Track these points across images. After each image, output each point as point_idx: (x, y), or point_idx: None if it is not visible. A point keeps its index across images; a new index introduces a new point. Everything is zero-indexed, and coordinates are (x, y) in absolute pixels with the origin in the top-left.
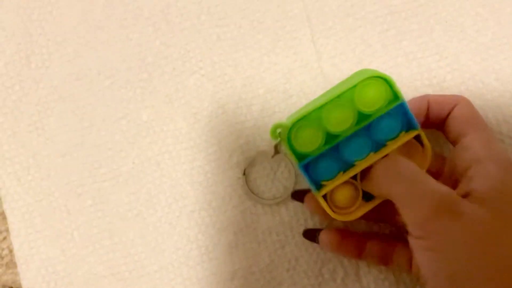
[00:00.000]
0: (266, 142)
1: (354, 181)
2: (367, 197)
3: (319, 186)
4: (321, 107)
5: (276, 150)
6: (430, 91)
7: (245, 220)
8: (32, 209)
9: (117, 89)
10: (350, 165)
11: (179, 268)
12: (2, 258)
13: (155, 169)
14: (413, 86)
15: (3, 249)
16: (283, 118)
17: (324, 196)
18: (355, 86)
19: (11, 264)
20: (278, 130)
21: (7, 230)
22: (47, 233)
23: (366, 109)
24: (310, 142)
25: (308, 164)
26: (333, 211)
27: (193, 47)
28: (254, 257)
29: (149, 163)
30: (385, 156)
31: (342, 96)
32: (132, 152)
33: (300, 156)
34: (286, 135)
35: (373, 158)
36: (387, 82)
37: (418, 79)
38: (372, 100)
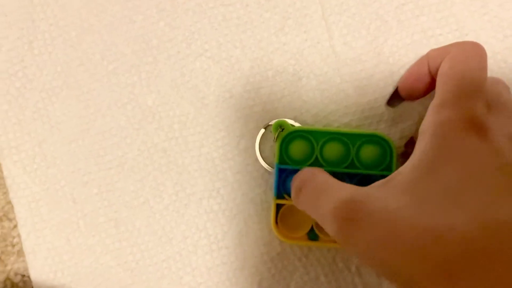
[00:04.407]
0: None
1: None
2: (313, 236)
3: (281, 196)
4: (326, 133)
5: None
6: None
7: (255, 207)
8: (39, 198)
9: (122, 74)
10: None
11: (187, 257)
12: (13, 246)
13: (162, 155)
14: None
15: (14, 237)
16: (292, 101)
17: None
18: (364, 135)
19: (23, 252)
20: (281, 128)
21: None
22: (53, 222)
23: (357, 163)
24: (299, 153)
25: (284, 171)
26: (277, 224)
27: (198, 28)
28: (265, 246)
29: (155, 149)
30: None
31: (348, 136)
32: (137, 139)
33: (282, 160)
34: (283, 136)
35: None
36: (390, 149)
37: None
38: (368, 158)
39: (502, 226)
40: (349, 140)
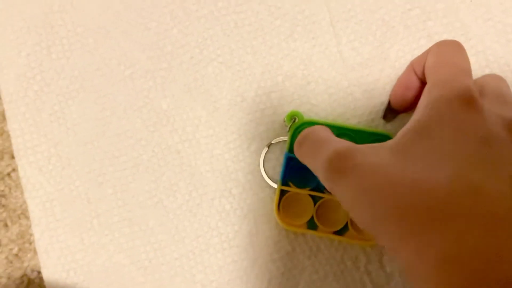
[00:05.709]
0: (286, 130)
1: (312, 204)
2: (312, 225)
3: (286, 183)
4: (338, 127)
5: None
6: None
7: (265, 207)
8: (53, 198)
9: (138, 79)
10: (320, 189)
11: (199, 255)
12: (31, 243)
13: (175, 157)
14: None
15: (31, 235)
16: (302, 105)
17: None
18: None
19: None
20: (294, 119)
21: None
22: (67, 221)
23: None
24: None
25: (292, 159)
26: (279, 210)
27: (211, 35)
28: (274, 245)
29: (169, 151)
30: None
31: (357, 133)
32: (152, 141)
33: (292, 149)
34: (295, 126)
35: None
36: None
37: None
38: None
39: (472, 188)
40: (357, 136)
